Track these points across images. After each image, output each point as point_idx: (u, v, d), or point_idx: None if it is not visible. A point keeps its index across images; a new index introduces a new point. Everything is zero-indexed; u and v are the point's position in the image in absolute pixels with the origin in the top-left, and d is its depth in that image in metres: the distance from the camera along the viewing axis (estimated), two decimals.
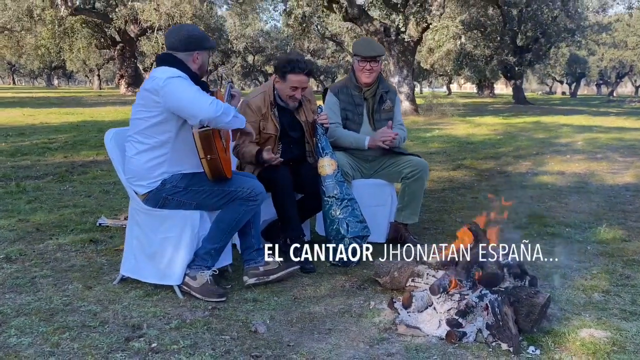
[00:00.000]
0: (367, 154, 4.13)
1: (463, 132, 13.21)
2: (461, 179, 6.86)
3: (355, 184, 4.03)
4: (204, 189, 3.09)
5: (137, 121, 3.05)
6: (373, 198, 4.14)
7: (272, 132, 3.77)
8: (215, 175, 3.02)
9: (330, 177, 3.65)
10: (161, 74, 2.94)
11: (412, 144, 10.38)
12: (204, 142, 2.91)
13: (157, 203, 3.10)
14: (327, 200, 3.64)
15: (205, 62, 3.12)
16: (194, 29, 3.13)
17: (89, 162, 7.61)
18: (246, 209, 3.12)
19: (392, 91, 4.26)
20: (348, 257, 3.61)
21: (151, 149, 3.03)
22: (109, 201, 5.42)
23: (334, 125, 4.09)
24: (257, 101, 3.80)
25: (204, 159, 2.95)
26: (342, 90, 4.17)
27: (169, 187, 3.08)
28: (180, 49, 3.04)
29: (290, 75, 3.68)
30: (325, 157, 3.70)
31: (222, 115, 2.88)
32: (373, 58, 4.05)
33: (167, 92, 2.89)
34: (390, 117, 4.18)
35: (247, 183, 3.14)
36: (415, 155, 4.15)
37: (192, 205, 3.11)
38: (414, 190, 4.05)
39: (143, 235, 3.17)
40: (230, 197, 3.10)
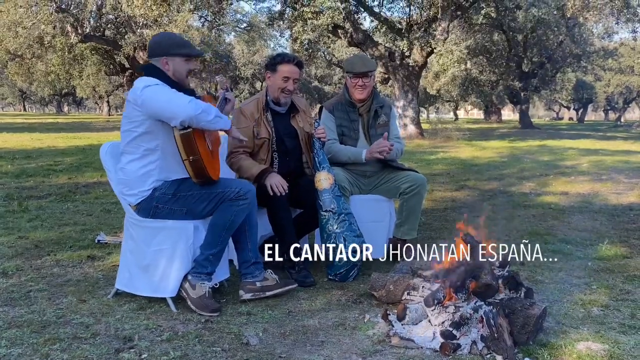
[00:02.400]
0: (365, 169, 4.14)
1: (468, 154, 13.23)
2: (463, 199, 6.85)
3: (353, 199, 4.02)
4: (192, 194, 3.09)
5: (125, 133, 3.08)
6: (371, 214, 4.12)
7: (265, 136, 3.78)
8: (199, 176, 3.02)
9: (327, 192, 3.65)
10: (140, 83, 2.99)
11: (416, 166, 10.34)
12: (185, 143, 2.93)
13: (148, 212, 3.11)
14: (323, 215, 3.63)
15: (180, 69, 3.09)
16: (167, 35, 3.14)
17: (93, 183, 7.65)
18: (237, 210, 3.10)
19: (386, 105, 4.27)
20: (348, 256, 3.57)
21: (141, 157, 3.07)
22: (109, 219, 5.43)
23: (331, 141, 4.11)
24: (250, 107, 3.83)
25: (187, 160, 2.96)
26: (337, 107, 4.19)
27: (159, 195, 3.09)
28: (151, 55, 3.10)
29: (280, 65, 3.73)
30: (322, 171, 3.70)
31: (202, 113, 2.89)
32: (364, 74, 4.07)
33: (144, 99, 2.93)
34: (386, 131, 4.18)
35: (235, 183, 3.14)
36: (413, 171, 4.15)
37: (182, 212, 3.11)
38: (412, 205, 4.04)
39: (137, 248, 3.17)
40: (219, 199, 3.10)
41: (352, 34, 18.23)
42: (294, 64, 3.74)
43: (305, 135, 3.90)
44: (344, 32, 18.42)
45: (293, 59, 3.75)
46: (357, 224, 3.69)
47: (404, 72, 18.63)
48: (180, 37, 3.17)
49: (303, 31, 17.34)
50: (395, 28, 19.28)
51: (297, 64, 3.76)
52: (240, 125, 3.74)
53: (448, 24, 17.94)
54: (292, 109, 3.94)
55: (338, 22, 17.40)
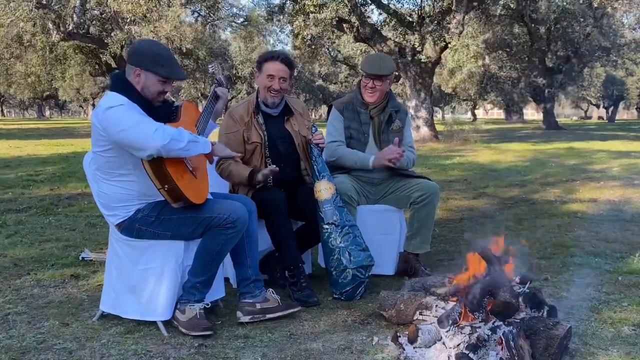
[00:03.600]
0: (373, 176, 4.16)
1: (486, 159, 13.24)
2: (482, 208, 6.85)
3: (360, 210, 4.04)
4: (176, 218, 3.08)
5: (95, 155, 3.08)
6: (380, 226, 4.14)
7: (256, 140, 3.80)
8: (178, 202, 2.99)
9: (329, 202, 3.66)
10: (103, 102, 2.94)
11: (430, 172, 10.38)
12: (155, 172, 2.88)
13: (131, 233, 3.13)
14: (325, 228, 3.64)
15: (151, 88, 3.01)
16: (152, 46, 3.06)
17: (77, 195, 7.70)
18: (225, 238, 3.09)
19: (402, 111, 4.31)
20: (351, 292, 3.60)
21: (117, 183, 3.05)
22: (94, 234, 5.46)
23: (337, 143, 4.13)
24: (240, 110, 3.85)
25: (162, 189, 2.92)
26: (347, 107, 4.22)
27: (141, 217, 3.09)
28: (128, 59, 3.06)
29: (266, 63, 3.76)
30: (322, 180, 3.71)
31: (171, 142, 2.81)
32: (378, 77, 4.10)
33: (106, 125, 2.87)
34: (399, 137, 4.19)
35: (224, 208, 3.09)
36: (424, 178, 4.17)
37: (167, 236, 3.11)
38: (424, 216, 4.05)
39: (123, 267, 3.19)
40: (205, 225, 3.08)
41: (358, 28, 18.30)
42: (280, 60, 3.76)
43: (302, 140, 3.91)
44: (349, 27, 18.50)
45: (278, 56, 3.77)
46: (362, 236, 3.70)
47: (416, 69, 18.67)
48: (167, 54, 3.06)
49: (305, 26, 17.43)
50: (406, 21, 19.33)
51: (284, 61, 3.77)
52: (230, 130, 3.77)
53: (463, 16, 17.99)
54: (287, 111, 3.95)
55: (343, 15, 17.49)
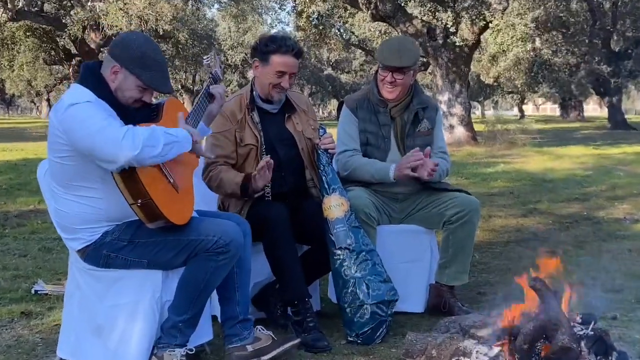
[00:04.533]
0: (397, 190, 4.15)
1: (538, 166, 13.26)
2: (533, 228, 6.85)
3: (380, 231, 4.03)
4: (154, 241, 3.07)
5: (52, 164, 3.06)
6: (405, 251, 4.14)
7: (251, 142, 3.80)
8: (155, 220, 2.96)
9: (341, 222, 3.66)
10: (66, 97, 2.95)
11: (468, 183, 10.38)
12: (127, 183, 2.86)
13: (97, 261, 3.11)
14: (337, 255, 3.64)
15: (127, 92, 3.03)
16: (143, 43, 3.06)
17: (28, 212, 7.73)
18: (215, 266, 3.09)
19: (431, 107, 4.29)
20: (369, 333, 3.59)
21: (79, 198, 3.03)
22: (50, 262, 5.49)
23: (350, 153, 4.13)
24: (231, 105, 3.84)
25: (134, 204, 2.89)
26: (361, 105, 4.21)
27: (110, 241, 3.08)
28: (110, 51, 3.07)
29: (275, 56, 3.75)
30: (333, 194, 3.72)
31: (144, 150, 2.78)
32: (398, 69, 4.09)
33: (68, 127, 2.86)
34: (428, 142, 4.20)
35: (213, 228, 3.10)
36: (461, 191, 4.17)
37: (142, 265, 3.10)
38: (462, 238, 4.04)
39: (86, 303, 3.18)
40: (191, 250, 3.07)
41: (377, 3, 18.35)
42: (293, 54, 3.77)
43: (306, 143, 3.93)
44: (365, 2, 18.55)
45: (292, 48, 3.76)
46: (383, 264, 3.70)
47: (449, 54, 18.71)
48: (157, 58, 3.07)
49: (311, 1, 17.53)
50: None
51: (297, 54, 3.79)
52: (218, 129, 3.77)
53: None
54: (288, 108, 3.96)
55: None
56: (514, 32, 18.19)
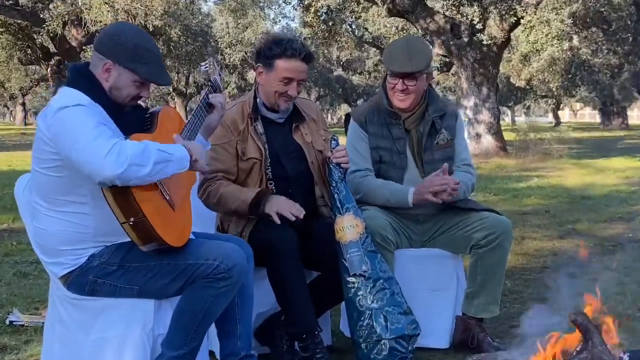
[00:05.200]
0: (418, 211, 4.17)
1: (576, 181, 13.27)
2: (572, 252, 6.84)
3: (399, 256, 4.05)
4: (147, 265, 3.08)
5: (35, 175, 3.09)
6: (428, 278, 4.16)
7: (254, 155, 3.84)
8: (149, 242, 2.97)
9: (356, 246, 3.68)
10: (56, 101, 2.98)
11: (497, 200, 10.39)
12: (118, 200, 2.86)
13: (82, 288, 3.12)
14: (351, 282, 3.66)
15: (123, 89, 3.08)
16: (133, 33, 3.10)
17: (1, 232, 7.77)
18: (215, 294, 3.08)
19: (450, 114, 4.30)
20: (391, 345, 3.60)
21: (64, 215, 3.06)
22: (26, 288, 5.51)
23: (362, 173, 4.14)
24: (232, 113, 3.87)
25: (126, 223, 2.89)
26: (371, 118, 4.22)
27: (98, 265, 3.09)
28: (97, 47, 3.10)
29: (280, 61, 3.77)
30: (347, 214, 3.74)
31: (130, 169, 2.75)
32: (408, 75, 4.09)
33: (57, 132, 2.89)
34: (449, 155, 4.23)
35: (214, 251, 3.10)
36: (491, 211, 4.18)
37: (132, 292, 3.11)
38: (492, 264, 4.05)
39: (69, 337, 3.20)
40: (189, 276, 3.07)
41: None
42: (302, 58, 3.79)
43: (316, 156, 3.96)
44: None
45: (299, 52, 3.78)
46: (403, 294, 3.72)
47: (475, 54, 18.72)
48: (152, 49, 3.12)
49: None
50: None
51: (306, 58, 3.81)
52: (218, 141, 3.78)
53: None
54: (295, 117, 3.99)
55: None
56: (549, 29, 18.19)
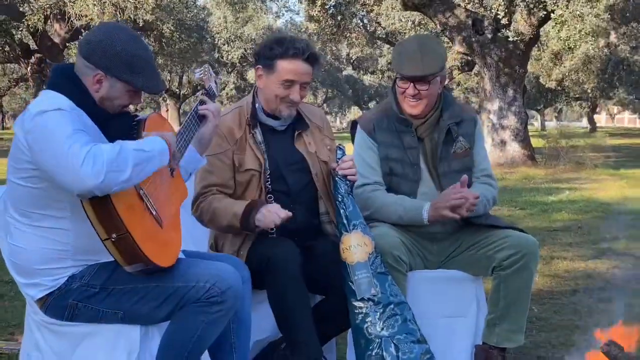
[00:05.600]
0: (434, 229, 4.15)
1: (613, 193, 13.23)
2: (607, 274, 6.83)
3: (412, 278, 4.04)
4: (132, 288, 3.07)
5: (11, 186, 3.08)
6: (445, 303, 4.14)
7: (252, 167, 3.82)
8: (134, 261, 2.94)
9: (364, 267, 3.66)
10: (34, 105, 2.97)
11: (523, 215, 10.39)
12: (100, 215, 2.84)
13: (62, 313, 3.11)
14: (359, 307, 3.64)
15: (115, 100, 3.10)
16: (127, 40, 3.07)
17: None
18: (208, 320, 3.08)
19: (467, 120, 4.28)
20: None
21: (42, 231, 3.05)
22: (1, 311, 5.54)
23: (371, 187, 4.12)
24: (228, 120, 3.85)
25: (108, 240, 2.87)
26: (380, 125, 4.21)
27: (78, 288, 3.08)
28: (85, 54, 3.06)
29: (282, 61, 3.75)
30: (354, 232, 3.72)
31: (109, 176, 2.73)
32: (420, 79, 4.05)
33: (31, 141, 2.87)
34: (467, 165, 4.21)
35: (206, 272, 3.09)
36: (515, 229, 4.15)
37: (117, 317, 3.10)
38: (516, 288, 4.02)
39: None
40: (178, 300, 3.07)
41: None
42: (305, 59, 3.77)
43: (321, 168, 3.95)
44: None
45: (303, 51, 3.76)
46: (416, 321, 3.69)
47: (500, 52, 18.74)
48: (144, 55, 3.11)
49: None
50: None
51: (310, 59, 3.79)
52: (212, 151, 3.77)
53: None
54: (298, 124, 3.98)
55: None
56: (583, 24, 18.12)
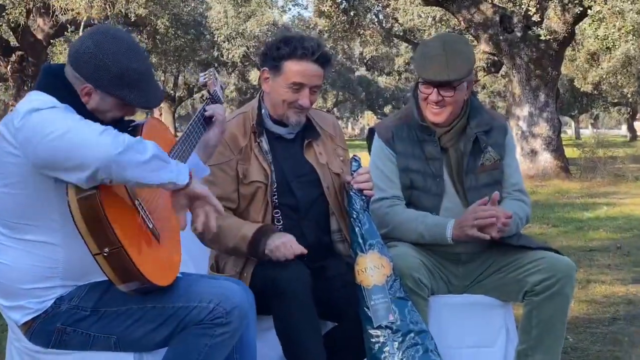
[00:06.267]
0: (459, 250, 4.16)
1: None
2: None
3: (434, 304, 4.05)
4: (127, 310, 3.07)
5: None
6: (471, 331, 4.15)
7: (258, 178, 3.82)
8: (127, 280, 2.93)
9: (381, 291, 3.67)
10: (23, 105, 2.97)
11: (557, 233, 10.39)
12: (91, 226, 2.82)
13: (47, 340, 3.11)
14: (375, 336, 3.64)
15: (106, 111, 3.12)
16: (117, 50, 3.06)
17: None
18: (212, 343, 3.06)
19: (497, 128, 4.28)
20: None
21: (27, 246, 3.06)
22: None
23: (389, 202, 4.13)
24: (231, 127, 3.85)
25: (99, 255, 2.85)
26: (399, 133, 4.21)
27: (66, 311, 3.08)
28: (74, 65, 3.08)
29: (289, 62, 3.75)
30: (370, 252, 3.73)
31: (129, 152, 2.77)
32: (445, 84, 4.04)
33: (28, 136, 2.85)
34: (496, 179, 4.22)
35: (209, 291, 3.09)
36: (549, 250, 4.16)
37: (109, 343, 3.10)
38: (550, 315, 4.02)
39: None
40: (177, 322, 3.06)
41: None
42: (314, 60, 3.77)
43: (333, 180, 3.97)
44: None
45: (312, 52, 3.76)
46: (439, 351, 3.70)
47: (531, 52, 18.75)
48: (139, 67, 3.10)
49: None
50: None
51: (321, 59, 3.79)
52: (214, 161, 3.77)
53: None
54: (307, 132, 3.99)
55: None
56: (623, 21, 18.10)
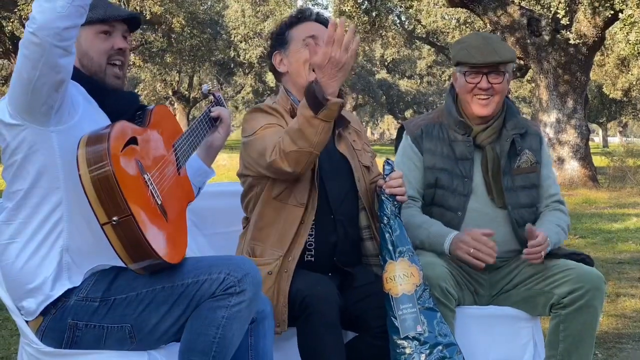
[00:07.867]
0: None
1: None
2: None
3: (461, 314, 4.03)
4: (137, 295, 3.05)
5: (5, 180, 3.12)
6: (498, 344, 4.13)
7: None
8: (136, 254, 2.90)
9: (410, 301, 3.66)
10: None
11: (584, 244, 10.35)
12: (101, 192, 2.82)
13: (59, 339, 3.11)
14: (401, 347, 3.62)
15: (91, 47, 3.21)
16: None
17: None
18: (229, 314, 3.01)
19: (532, 133, 4.29)
20: None
21: (26, 234, 3.07)
22: None
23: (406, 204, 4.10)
24: (275, 104, 3.94)
25: (108, 224, 2.84)
26: (429, 131, 4.22)
27: (76, 304, 3.07)
28: None
29: (294, 29, 4.01)
30: (400, 260, 3.72)
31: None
32: (493, 67, 4.06)
33: None
34: (532, 182, 4.22)
35: (218, 263, 3.07)
36: (576, 255, 4.16)
37: (124, 332, 3.07)
38: (578, 329, 4.00)
39: None
40: (190, 298, 3.02)
41: None
42: (315, 19, 4.02)
43: (364, 174, 4.00)
44: None
45: (309, 13, 4.09)
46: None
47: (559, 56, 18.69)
48: None
49: None
50: None
51: (320, 19, 4.03)
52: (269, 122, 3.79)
53: None
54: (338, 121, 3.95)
55: None
56: None
